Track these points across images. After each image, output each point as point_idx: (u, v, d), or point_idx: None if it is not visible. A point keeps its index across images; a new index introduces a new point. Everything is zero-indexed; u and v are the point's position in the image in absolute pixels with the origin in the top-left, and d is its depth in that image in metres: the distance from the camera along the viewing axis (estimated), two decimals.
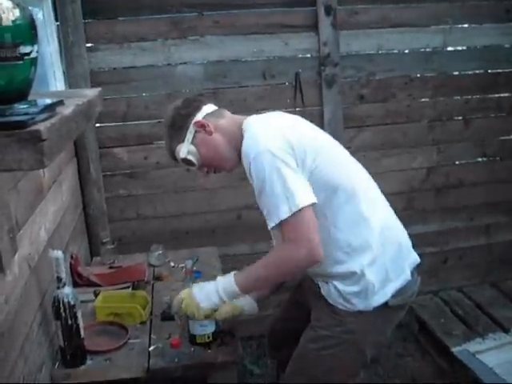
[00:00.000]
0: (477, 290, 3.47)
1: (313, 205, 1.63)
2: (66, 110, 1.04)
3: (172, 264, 2.65)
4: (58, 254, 1.82)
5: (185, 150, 1.79)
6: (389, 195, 3.12)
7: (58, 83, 2.84)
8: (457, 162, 3.50)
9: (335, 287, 1.76)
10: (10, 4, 1.11)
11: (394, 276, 1.78)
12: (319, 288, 1.83)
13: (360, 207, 1.75)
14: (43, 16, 2.75)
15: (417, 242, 3.39)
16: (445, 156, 3.41)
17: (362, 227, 1.75)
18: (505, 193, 3.50)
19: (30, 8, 1.21)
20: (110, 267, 2.63)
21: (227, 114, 1.89)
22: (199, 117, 1.81)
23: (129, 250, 2.93)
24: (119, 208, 3.11)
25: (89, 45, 2.92)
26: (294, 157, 1.65)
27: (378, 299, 1.75)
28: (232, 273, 1.74)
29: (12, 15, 1.10)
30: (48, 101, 1.02)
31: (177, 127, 1.82)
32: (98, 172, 3.01)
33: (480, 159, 3.53)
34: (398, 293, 1.77)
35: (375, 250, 1.75)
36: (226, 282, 1.72)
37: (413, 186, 3.39)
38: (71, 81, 2.88)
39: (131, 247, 2.98)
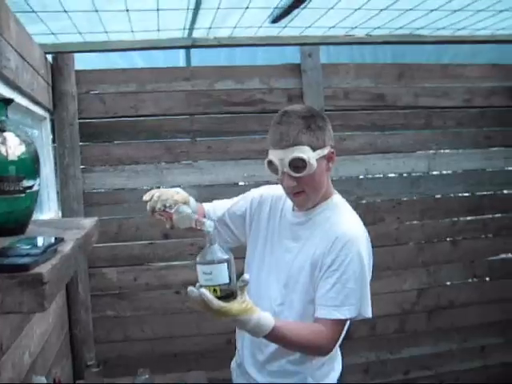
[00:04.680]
0: None
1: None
2: (66, 247, 1.05)
3: None
4: (41, 380, 1.76)
5: (313, 160, 1.64)
6: (380, 318, 3.09)
7: (51, 203, 2.88)
8: (447, 283, 3.50)
9: None
10: (17, 140, 1.16)
11: None
12: None
13: None
14: (41, 138, 2.85)
15: (410, 365, 3.39)
16: (435, 277, 3.42)
17: None
18: (497, 313, 3.48)
19: (28, 131, 1.26)
20: None
21: None
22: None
23: (114, 374, 2.84)
24: (106, 329, 3.05)
25: (83, 166, 3.00)
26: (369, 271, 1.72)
27: None
28: (273, 322, 1.53)
29: (18, 151, 1.15)
30: (49, 240, 1.03)
31: (322, 131, 1.69)
32: (87, 292, 2.98)
33: (470, 280, 3.53)
34: None
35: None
36: (265, 323, 1.52)
37: (404, 308, 3.37)
38: (64, 201, 2.92)
39: (117, 370, 2.89)
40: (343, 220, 1.73)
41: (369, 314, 1.68)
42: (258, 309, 1.51)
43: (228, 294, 1.46)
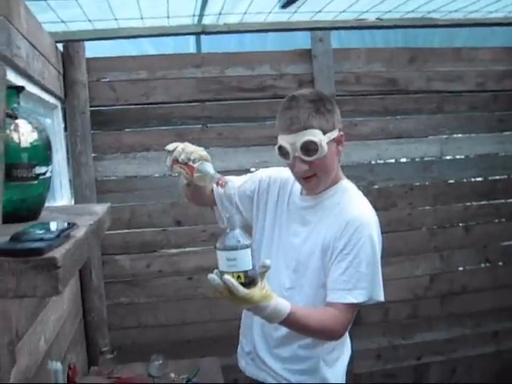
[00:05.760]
0: None
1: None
2: (79, 232, 1.05)
3: (172, 375, 2.58)
4: (57, 365, 1.78)
5: (324, 143, 1.63)
6: (392, 303, 3.08)
7: (63, 191, 2.89)
8: (460, 269, 3.48)
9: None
10: (29, 127, 1.16)
11: None
12: None
13: None
14: (53, 126, 2.86)
15: (423, 350, 3.39)
16: (448, 263, 3.41)
17: None
18: (510, 298, 3.46)
19: (41, 119, 1.26)
20: (109, 377, 2.56)
21: None
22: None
23: (128, 360, 2.85)
24: (120, 316, 3.08)
25: (95, 154, 3.01)
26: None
27: None
28: (289, 307, 1.52)
29: (30, 138, 1.15)
30: (62, 225, 1.03)
31: (331, 114, 1.68)
32: (100, 279, 3.00)
33: (483, 265, 3.52)
34: None
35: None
36: (282, 308, 1.50)
37: (417, 293, 3.36)
38: (77, 189, 2.94)
39: (131, 356, 2.90)
40: (353, 204, 1.73)
41: (381, 297, 1.68)
42: (275, 295, 1.49)
43: (250, 281, 1.42)
